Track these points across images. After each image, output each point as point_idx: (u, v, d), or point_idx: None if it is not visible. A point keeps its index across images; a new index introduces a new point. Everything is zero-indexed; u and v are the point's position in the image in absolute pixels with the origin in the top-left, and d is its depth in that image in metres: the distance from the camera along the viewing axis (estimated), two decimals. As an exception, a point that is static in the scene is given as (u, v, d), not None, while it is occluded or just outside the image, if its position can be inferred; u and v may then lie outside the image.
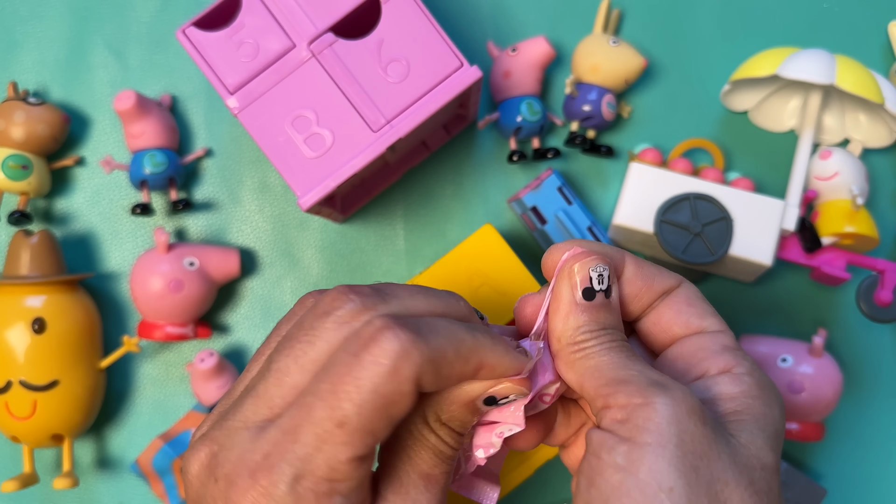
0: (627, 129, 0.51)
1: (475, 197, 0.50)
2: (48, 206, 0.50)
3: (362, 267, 0.50)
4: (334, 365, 0.23)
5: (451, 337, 0.24)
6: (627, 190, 0.45)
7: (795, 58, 0.45)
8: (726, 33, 0.52)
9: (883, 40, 0.52)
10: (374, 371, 0.23)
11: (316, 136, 0.39)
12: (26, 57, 0.51)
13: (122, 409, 0.49)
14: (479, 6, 0.52)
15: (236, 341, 0.50)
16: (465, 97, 0.43)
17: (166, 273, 0.45)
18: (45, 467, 0.49)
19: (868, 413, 0.49)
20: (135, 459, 0.48)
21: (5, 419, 0.45)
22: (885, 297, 0.45)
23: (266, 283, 0.50)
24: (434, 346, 0.23)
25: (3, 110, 0.47)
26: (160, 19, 0.51)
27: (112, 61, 0.51)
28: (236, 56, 0.39)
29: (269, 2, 0.40)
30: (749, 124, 0.51)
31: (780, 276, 0.50)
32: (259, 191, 0.50)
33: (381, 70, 0.39)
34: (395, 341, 0.23)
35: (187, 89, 0.51)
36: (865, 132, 0.49)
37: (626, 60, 0.48)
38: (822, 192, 0.47)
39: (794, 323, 0.49)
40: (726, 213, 0.44)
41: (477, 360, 0.25)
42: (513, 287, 0.41)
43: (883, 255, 0.50)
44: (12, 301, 0.45)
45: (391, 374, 0.23)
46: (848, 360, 0.49)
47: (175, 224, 0.50)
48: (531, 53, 0.48)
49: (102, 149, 0.51)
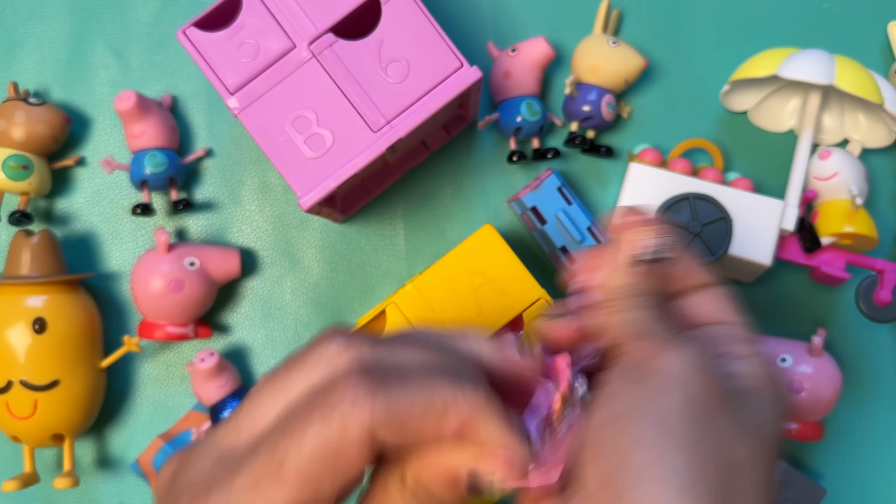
0: (627, 129, 0.51)
1: (475, 197, 0.51)
2: (49, 207, 0.50)
3: (362, 267, 0.50)
4: (296, 405, 0.23)
5: (424, 387, 0.23)
6: (627, 190, 0.45)
7: (795, 58, 0.45)
8: (725, 34, 0.52)
9: (882, 41, 0.52)
10: (322, 417, 0.22)
11: (316, 136, 0.39)
12: (27, 57, 0.51)
13: (123, 408, 0.49)
14: (479, 7, 0.52)
15: (237, 341, 0.50)
16: (465, 97, 0.43)
17: (167, 273, 0.45)
18: (46, 467, 0.49)
19: (867, 413, 0.49)
20: (135, 459, 0.48)
21: (6, 419, 0.45)
22: (884, 297, 0.45)
23: (266, 282, 0.50)
24: (397, 395, 0.22)
25: (4, 110, 0.47)
26: (161, 20, 0.51)
27: (113, 61, 0.51)
28: (237, 56, 0.40)
29: (269, 2, 0.40)
30: (748, 124, 0.51)
31: (779, 276, 0.50)
32: (259, 191, 0.51)
33: (381, 70, 0.40)
34: (350, 389, 0.22)
35: (188, 90, 0.51)
36: (865, 132, 0.49)
37: (625, 61, 0.48)
38: (822, 193, 0.47)
39: (794, 323, 0.50)
40: (726, 214, 0.44)
41: (456, 418, 0.23)
42: (512, 287, 0.41)
43: (882, 255, 0.50)
44: (13, 301, 0.45)
45: (338, 422, 0.22)
46: (847, 360, 0.49)
47: (175, 224, 0.50)
48: (531, 54, 0.48)
49: (103, 149, 0.51)
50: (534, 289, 0.41)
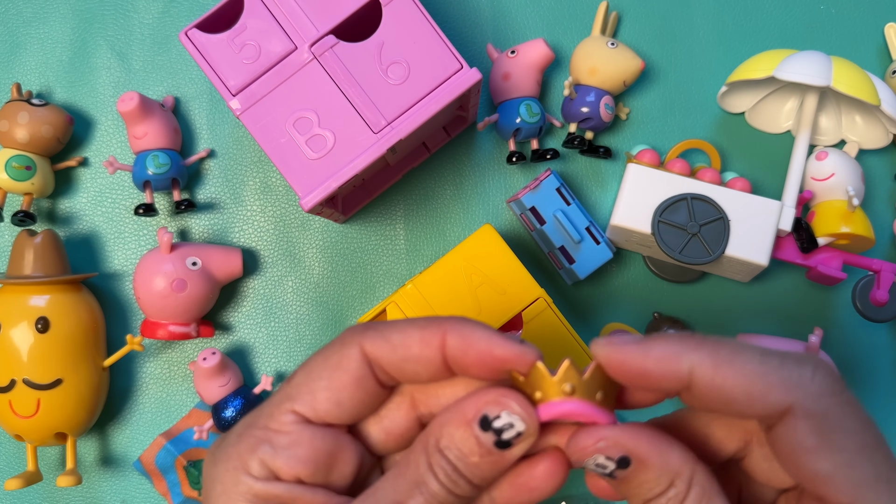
0: (625, 130, 0.51)
1: (475, 197, 0.51)
2: (52, 207, 0.51)
3: (363, 267, 0.50)
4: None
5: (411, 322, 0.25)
6: (625, 190, 0.45)
7: (792, 60, 0.45)
8: (723, 36, 0.52)
9: (879, 42, 0.52)
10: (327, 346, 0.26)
11: (317, 137, 0.40)
12: (30, 58, 0.51)
13: (126, 407, 0.50)
14: (478, 9, 0.52)
15: (239, 340, 0.50)
16: (465, 99, 0.43)
17: (169, 273, 0.45)
18: (49, 465, 0.49)
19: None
20: (138, 457, 0.49)
21: (9, 417, 0.45)
22: (880, 297, 0.45)
23: (268, 282, 0.50)
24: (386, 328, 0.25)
25: (8, 111, 0.47)
26: (163, 21, 0.52)
27: (115, 63, 0.51)
28: (238, 58, 0.40)
29: (271, 5, 0.40)
30: (746, 126, 0.51)
31: (776, 276, 0.50)
32: (261, 191, 0.51)
33: (381, 72, 0.40)
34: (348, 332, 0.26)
35: (190, 91, 0.51)
36: (861, 133, 0.50)
37: (623, 62, 0.48)
38: (818, 193, 0.47)
39: (791, 322, 0.50)
40: (723, 214, 0.44)
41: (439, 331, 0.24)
42: (511, 286, 0.41)
43: (878, 255, 0.50)
44: (16, 300, 0.45)
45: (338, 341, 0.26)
46: (844, 360, 0.50)
47: (178, 224, 0.51)
48: (530, 56, 0.48)
49: (106, 150, 0.51)
50: (532, 288, 0.42)
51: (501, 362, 0.24)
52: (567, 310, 0.50)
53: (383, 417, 0.27)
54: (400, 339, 0.25)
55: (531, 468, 0.25)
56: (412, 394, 0.27)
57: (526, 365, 0.24)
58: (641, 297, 0.50)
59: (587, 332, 0.50)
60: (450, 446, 0.24)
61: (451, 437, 0.24)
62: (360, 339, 0.25)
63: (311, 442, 0.25)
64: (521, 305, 0.41)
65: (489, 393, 0.24)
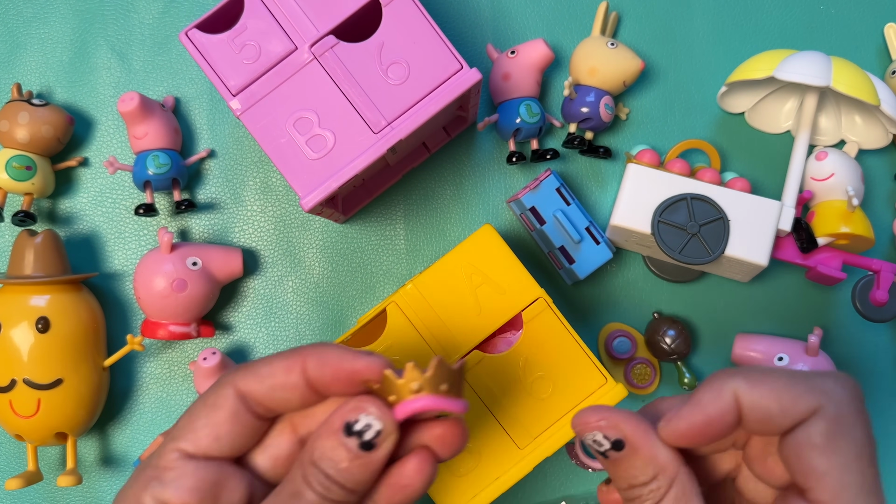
0: (625, 130, 0.51)
1: (475, 198, 0.51)
2: (52, 207, 0.51)
3: (363, 267, 0.51)
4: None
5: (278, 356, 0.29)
6: (625, 191, 0.45)
7: (791, 60, 0.45)
8: (723, 36, 0.52)
9: (879, 42, 0.52)
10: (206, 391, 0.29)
11: (317, 137, 0.40)
12: (30, 58, 0.51)
13: (126, 407, 0.50)
14: (478, 9, 0.52)
15: (239, 340, 0.50)
16: (465, 99, 0.43)
17: (170, 273, 0.45)
18: (49, 465, 0.49)
19: (863, 411, 0.49)
20: (138, 457, 0.49)
21: (10, 417, 0.45)
22: (880, 297, 0.45)
23: (268, 282, 0.50)
24: (253, 365, 0.28)
25: (8, 111, 0.47)
26: (163, 22, 0.52)
27: (116, 63, 0.51)
28: (239, 58, 0.40)
29: (271, 5, 0.40)
30: (745, 126, 0.52)
31: (776, 276, 0.50)
32: (261, 191, 0.51)
33: (381, 72, 0.40)
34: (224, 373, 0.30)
35: (190, 91, 0.51)
36: (861, 133, 0.50)
37: (623, 63, 0.48)
38: (818, 193, 0.47)
39: (790, 322, 0.50)
40: (723, 214, 0.44)
41: (299, 357, 0.28)
42: (511, 286, 0.41)
43: (878, 255, 0.50)
44: (17, 300, 0.45)
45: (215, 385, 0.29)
46: (843, 360, 0.50)
47: (178, 224, 0.51)
48: (530, 56, 0.48)
49: (106, 150, 0.51)
50: (532, 288, 0.42)
51: (355, 374, 0.27)
52: (567, 310, 0.50)
53: (268, 446, 0.29)
54: (267, 370, 0.28)
55: (402, 467, 0.28)
56: (291, 420, 0.29)
57: (376, 374, 0.27)
58: (641, 297, 0.50)
59: (587, 332, 0.50)
60: (322, 457, 0.27)
61: (323, 448, 0.27)
62: (233, 379, 0.28)
63: (195, 473, 0.27)
64: (521, 305, 0.41)
65: (350, 402, 0.27)
